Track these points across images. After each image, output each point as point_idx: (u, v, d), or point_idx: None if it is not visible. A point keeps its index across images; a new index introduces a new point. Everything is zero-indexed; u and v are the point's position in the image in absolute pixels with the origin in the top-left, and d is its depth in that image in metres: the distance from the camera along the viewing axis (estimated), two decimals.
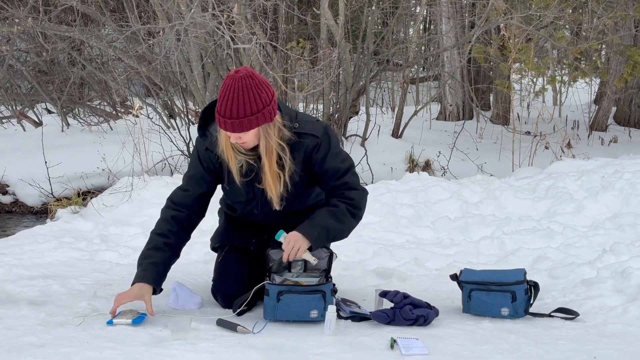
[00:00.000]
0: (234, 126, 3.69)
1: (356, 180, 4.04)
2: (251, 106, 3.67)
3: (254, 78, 3.69)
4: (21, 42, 12.10)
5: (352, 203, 3.95)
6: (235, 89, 3.66)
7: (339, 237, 4.03)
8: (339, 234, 3.98)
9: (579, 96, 15.81)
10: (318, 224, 3.87)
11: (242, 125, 3.70)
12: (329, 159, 3.96)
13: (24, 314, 3.75)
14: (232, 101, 3.66)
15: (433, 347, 3.44)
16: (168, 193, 7.03)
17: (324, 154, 3.95)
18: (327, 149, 3.95)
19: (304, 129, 3.93)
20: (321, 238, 3.88)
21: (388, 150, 10.05)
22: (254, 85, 3.68)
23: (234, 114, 3.67)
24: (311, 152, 3.94)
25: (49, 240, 5.82)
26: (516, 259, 5.31)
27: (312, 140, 3.92)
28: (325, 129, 3.98)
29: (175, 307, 4.01)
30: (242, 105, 3.66)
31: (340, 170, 3.97)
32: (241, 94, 3.66)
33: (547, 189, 6.84)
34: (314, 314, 3.76)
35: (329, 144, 3.96)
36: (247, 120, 3.68)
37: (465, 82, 12.96)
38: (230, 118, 3.67)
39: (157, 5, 8.91)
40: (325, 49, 9.35)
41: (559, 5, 9.39)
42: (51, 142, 9.53)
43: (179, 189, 4.14)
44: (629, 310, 4.02)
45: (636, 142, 12.01)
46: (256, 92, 3.68)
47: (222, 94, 3.70)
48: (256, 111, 3.69)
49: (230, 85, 3.66)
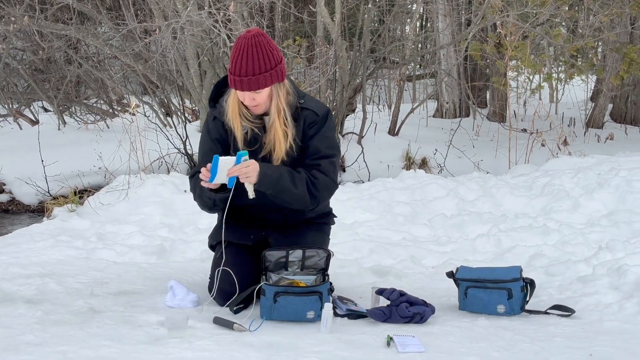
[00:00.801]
0: (250, 83, 3.79)
1: (331, 168, 4.06)
2: (265, 63, 3.78)
3: (265, 36, 3.82)
4: (17, 41, 12.08)
5: (314, 181, 3.99)
6: (249, 46, 3.76)
7: (283, 197, 3.97)
8: (287, 194, 3.95)
9: (575, 93, 15.81)
10: (275, 171, 3.90)
11: (259, 82, 3.80)
12: (317, 138, 4.03)
13: (21, 313, 3.75)
14: (247, 58, 3.75)
15: (429, 344, 3.45)
16: (165, 191, 7.15)
17: (315, 132, 4.03)
18: (320, 129, 4.04)
19: (308, 106, 4.05)
20: (269, 183, 3.87)
21: (385, 147, 10.04)
22: (266, 42, 3.79)
23: (249, 71, 3.76)
24: (308, 127, 4.03)
25: (45, 238, 5.82)
26: (512, 256, 5.32)
27: (312, 116, 4.03)
28: (327, 112, 4.09)
29: (172, 306, 4.02)
30: (257, 61, 3.77)
31: (319, 153, 4.03)
32: (256, 51, 3.76)
33: (543, 187, 6.85)
34: (311, 314, 3.77)
35: (324, 125, 4.05)
36: (263, 77, 3.79)
37: (462, 80, 12.95)
38: (246, 75, 3.77)
39: (153, 3, 8.90)
40: (321, 47, 9.34)
41: (555, 3, 9.38)
42: (48, 140, 9.50)
43: (200, 158, 4.23)
44: (624, 307, 4.04)
45: (632, 139, 12.02)
46: (269, 49, 3.80)
47: (235, 54, 3.79)
48: (270, 68, 3.80)
49: (243, 44, 3.76)
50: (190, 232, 6.11)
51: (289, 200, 3.98)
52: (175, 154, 9.13)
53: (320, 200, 4.06)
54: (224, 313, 3.85)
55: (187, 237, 5.97)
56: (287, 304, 3.75)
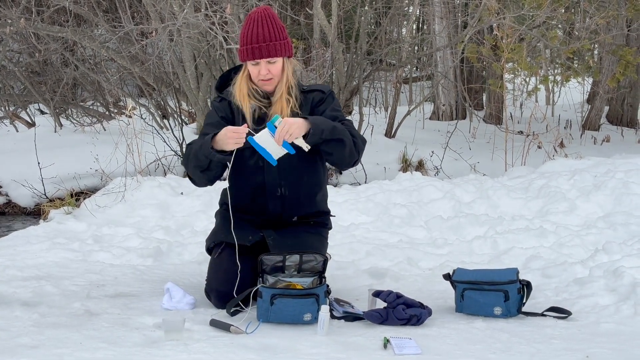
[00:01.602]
0: (268, 49, 3.95)
1: (353, 127, 4.12)
2: (279, 32, 3.98)
3: (273, 10, 4.03)
4: (14, 43, 12.06)
5: (354, 134, 4.03)
6: (262, 17, 3.97)
7: (338, 137, 3.92)
8: (340, 134, 3.91)
9: (571, 96, 15.83)
10: (325, 119, 3.94)
11: (275, 49, 3.98)
12: (329, 110, 4.12)
13: (17, 315, 3.75)
14: (262, 26, 3.94)
15: (426, 346, 3.45)
16: (161, 194, 7.15)
17: (325, 107, 4.14)
18: (330, 104, 4.16)
19: (313, 87, 4.23)
20: (319, 126, 3.84)
21: (381, 150, 10.04)
22: (275, 16, 4.02)
23: (266, 37, 3.94)
24: (316, 105, 4.15)
25: (42, 241, 5.81)
26: (509, 258, 5.32)
27: (318, 94, 4.18)
28: (331, 90, 4.24)
29: (169, 308, 4.02)
30: (272, 29, 3.96)
31: (337, 118, 4.08)
32: (268, 20, 3.97)
33: (539, 189, 6.85)
34: (307, 317, 3.76)
35: (332, 100, 4.18)
36: (279, 44, 3.98)
37: (458, 82, 12.96)
38: (264, 42, 3.94)
39: (149, 5, 8.90)
40: (318, 49, 9.35)
41: (551, 5, 9.40)
42: (44, 142, 9.49)
43: (200, 135, 4.21)
44: (621, 309, 4.04)
45: (628, 141, 12.04)
46: (279, 22, 4.01)
47: (248, 25, 3.97)
48: (283, 37, 3.99)
49: (256, 16, 3.97)
50: (186, 235, 6.11)
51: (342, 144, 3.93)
52: (171, 156, 9.13)
53: (360, 149, 4.06)
54: (221, 315, 3.85)
55: (184, 240, 5.97)
56: (284, 306, 3.75)
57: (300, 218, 4.29)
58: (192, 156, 4.06)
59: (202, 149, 3.94)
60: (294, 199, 4.18)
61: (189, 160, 4.11)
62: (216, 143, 3.89)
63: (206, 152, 3.90)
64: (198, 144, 4.03)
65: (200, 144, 3.97)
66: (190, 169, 4.16)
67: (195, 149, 4.02)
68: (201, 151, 3.95)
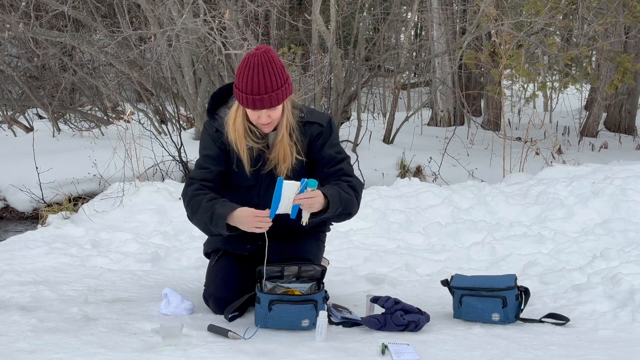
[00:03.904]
0: (270, 100, 3.76)
1: (350, 168, 4.12)
2: (279, 78, 3.75)
3: (273, 51, 3.78)
4: (12, 48, 12.09)
5: (351, 185, 4.01)
6: (262, 63, 3.71)
7: (349, 208, 3.97)
8: (349, 202, 3.94)
9: (569, 102, 15.86)
10: (339, 194, 3.89)
11: (277, 98, 3.78)
12: (327, 147, 4.06)
13: (15, 320, 3.74)
14: (263, 75, 3.71)
15: (424, 352, 3.45)
16: (159, 198, 7.14)
17: (324, 142, 4.06)
18: (328, 138, 4.07)
19: (311, 118, 4.06)
20: (336, 204, 3.84)
21: (379, 155, 10.06)
22: (276, 57, 3.78)
23: (268, 88, 3.73)
24: (314, 139, 4.04)
25: (39, 245, 5.80)
26: (507, 264, 5.33)
27: (316, 128, 4.05)
28: (330, 120, 4.12)
29: (167, 313, 4.01)
30: (273, 78, 3.73)
31: (335, 159, 4.06)
32: (269, 67, 3.72)
33: (537, 195, 6.86)
34: (305, 323, 3.76)
35: (330, 133, 4.08)
36: (280, 92, 3.77)
37: (456, 88, 12.99)
38: (265, 93, 3.73)
39: (148, 11, 8.91)
40: (316, 55, 9.36)
41: (549, 12, 9.42)
42: (42, 147, 9.49)
43: (198, 168, 4.10)
44: (619, 316, 4.04)
45: (626, 148, 12.06)
46: (280, 64, 3.78)
47: (247, 72, 3.73)
48: (283, 82, 3.78)
49: (256, 62, 3.71)
50: (184, 240, 6.11)
51: (349, 211, 3.99)
52: (169, 161, 9.12)
53: (360, 199, 4.08)
54: (219, 321, 3.84)
55: (182, 245, 5.96)
56: (282, 312, 3.75)
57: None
58: (199, 216, 3.93)
59: (214, 222, 3.85)
60: (288, 217, 4.15)
61: (192, 213, 4.00)
62: (232, 219, 3.82)
63: (218, 228, 3.85)
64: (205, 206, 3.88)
65: (211, 213, 3.84)
66: (192, 220, 4.07)
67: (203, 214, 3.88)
68: (211, 222, 3.86)
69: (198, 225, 4.05)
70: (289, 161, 3.97)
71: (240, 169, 4.01)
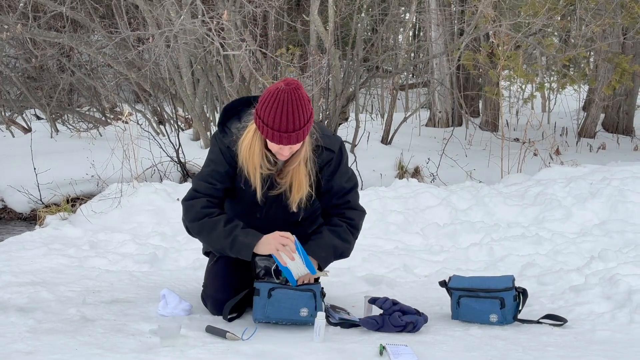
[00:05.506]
0: (298, 138, 3.71)
1: (357, 199, 4.16)
2: (306, 115, 3.69)
3: (302, 87, 3.70)
4: (10, 48, 12.06)
5: (352, 223, 4.09)
6: (293, 101, 3.62)
7: (344, 255, 4.13)
8: (345, 251, 4.10)
9: (567, 103, 15.85)
10: (325, 244, 3.99)
11: (304, 134, 3.74)
12: (337, 176, 4.04)
13: (13, 321, 3.73)
14: (292, 114, 3.63)
15: (422, 353, 3.45)
16: (157, 199, 7.14)
17: (333, 170, 4.03)
18: (338, 166, 4.04)
19: (323, 143, 3.98)
20: (328, 258, 4.02)
21: (377, 156, 10.05)
22: (304, 94, 3.69)
23: (296, 126, 3.67)
24: (324, 166, 4.00)
25: (37, 246, 5.80)
26: (505, 265, 5.33)
27: (327, 155, 3.99)
28: (340, 146, 4.06)
29: (164, 314, 4.01)
30: (302, 116, 3.66)
31: (344, 190, 4.07)
32: (298, 104, 3.64)
33: (535, 196, 6.86)
34: (304, 312, 3.76)
35: (340, 161, 4.04)
36: (306, 127, 3.73)
37: (455, 89, 12.98)
38: (293, 131, 3.66)
39: (146, 11, 8.90)
40: (314, 56, 9.35)
41: (547, 13, 9.42)
42: (40, 148, 9.48)
43: (203, 180, 4.02)
44: (617, 317, 4.05)
45: (624, 149, 12.06)
46: (307, 99, 3.70)
47: (276, 107, 3.63)
48: (309, 118, 3.72)
49: (286, 99, 3.61)
50: (182, 241, 6.10)
51: (348, 253, 4.15)
52: (168, 162, 9.12)
53: (359, 234, 4.20)
54: (217, 322, 3.84)
55: (180, 246, 5.96)
56: (282, 298, 3.77)
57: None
58: (214, 238, 3.90)
59: (235, 249, 3.85)
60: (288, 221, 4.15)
61: (203, 232, 3.95)
62: (257, 247, 3.83)
63: (241, 255, 3.87)
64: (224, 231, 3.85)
65: (233, 240, 3.83)
66: (199, 236, 4.05)
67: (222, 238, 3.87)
68: (232, 249, 3.86)
69: (209, 244, 4.05)
70: (303, 192, 3.96)
71: (247, 188, 3.98)
